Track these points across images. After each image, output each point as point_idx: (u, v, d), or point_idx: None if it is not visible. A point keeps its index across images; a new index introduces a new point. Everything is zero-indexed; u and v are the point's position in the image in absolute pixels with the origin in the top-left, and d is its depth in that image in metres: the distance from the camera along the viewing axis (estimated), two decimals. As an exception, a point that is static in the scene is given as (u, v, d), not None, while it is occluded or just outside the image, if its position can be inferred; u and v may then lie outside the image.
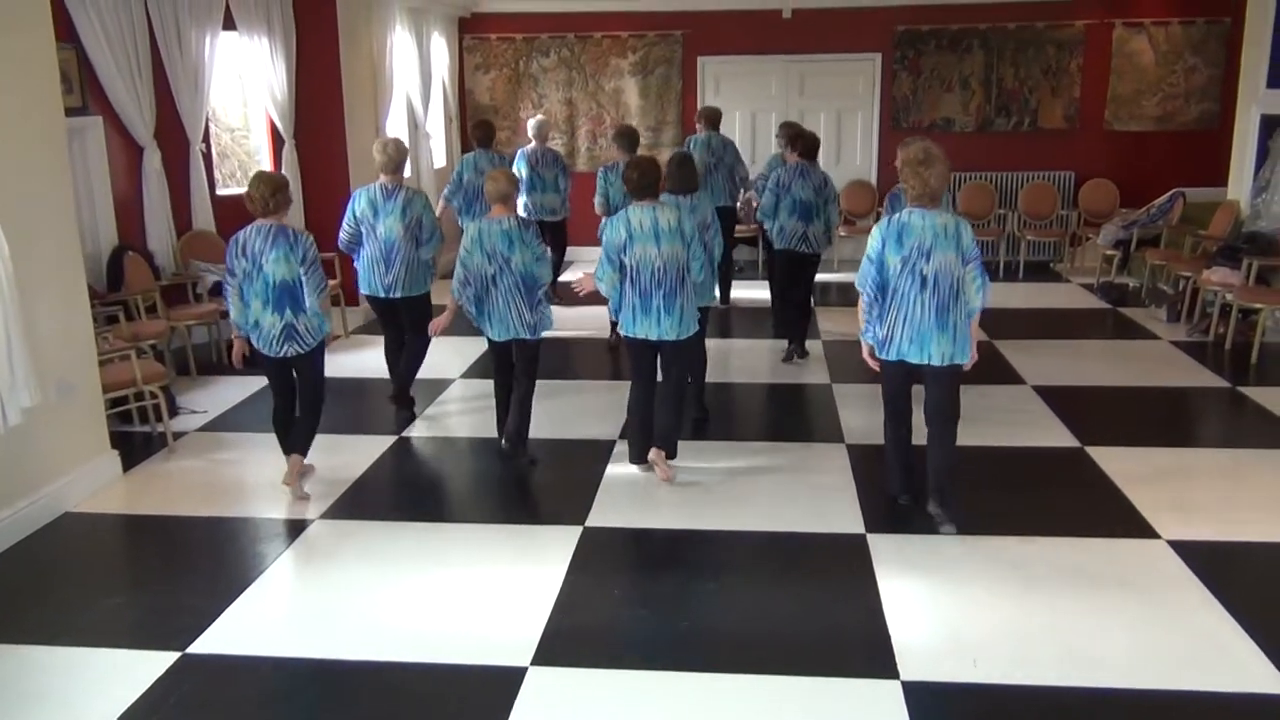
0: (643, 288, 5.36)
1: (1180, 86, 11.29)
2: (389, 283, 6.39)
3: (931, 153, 4.72)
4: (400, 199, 6.34)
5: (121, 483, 5.75)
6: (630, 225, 5.33)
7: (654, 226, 5.30)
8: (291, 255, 5.19)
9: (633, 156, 5.55)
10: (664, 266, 5.32)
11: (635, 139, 8.25)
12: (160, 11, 7.79)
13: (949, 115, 11.56)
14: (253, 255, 5.20)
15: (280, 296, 5.22)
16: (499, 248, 5.59)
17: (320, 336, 5.38)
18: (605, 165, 8.14)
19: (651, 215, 5.32)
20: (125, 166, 7.74)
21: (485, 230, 5.61)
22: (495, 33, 11.86)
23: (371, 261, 6.41)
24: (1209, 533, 4.90)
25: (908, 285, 4.75)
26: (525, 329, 5.71)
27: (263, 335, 5.31)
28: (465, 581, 4.58)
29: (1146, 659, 3.89)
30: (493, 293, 5.65)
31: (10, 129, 4.98)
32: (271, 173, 5.40)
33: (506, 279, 5.62)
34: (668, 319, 5.38)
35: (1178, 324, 8.67)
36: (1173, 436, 6.32)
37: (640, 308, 5.39)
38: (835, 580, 4.55)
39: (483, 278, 5.63)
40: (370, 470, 5.87)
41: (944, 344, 4.78)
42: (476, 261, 5.61)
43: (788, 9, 11.45)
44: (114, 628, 4.26)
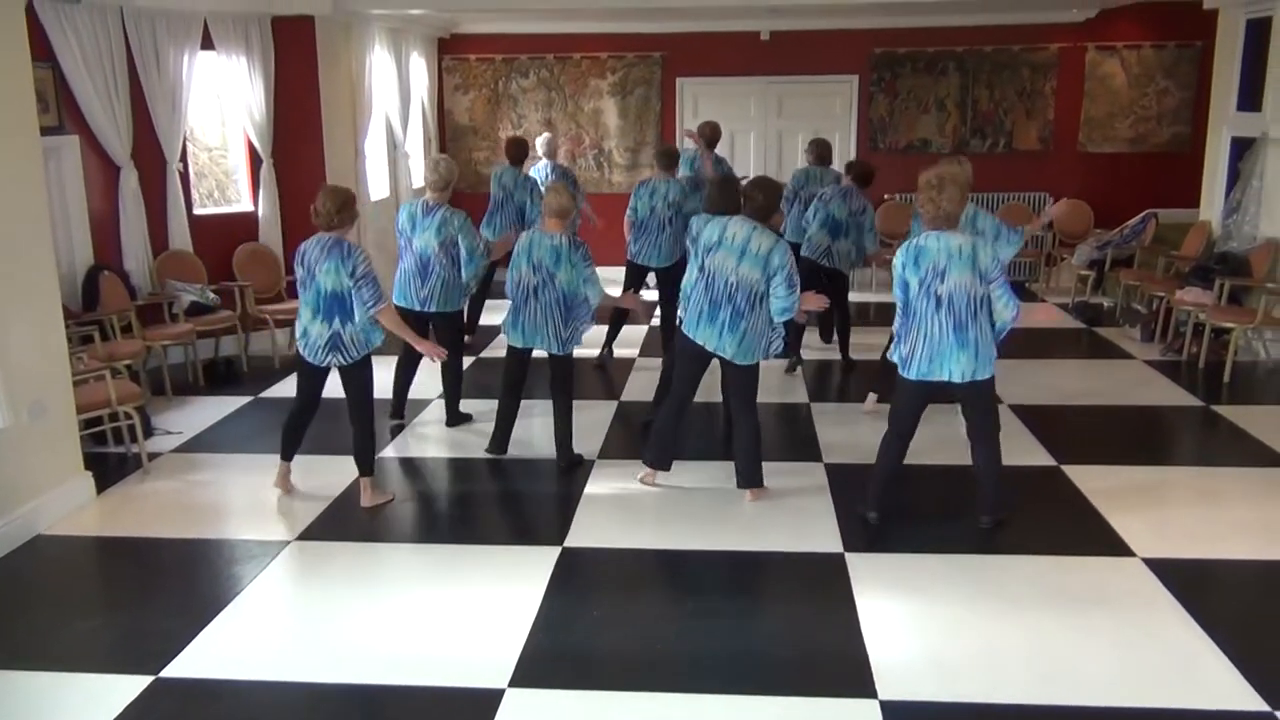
0: (715, 296, 5.34)
1: (1153, 109, 11.44)
2: (424, 296, 6.50)
3: (945, 177, 4.90)
4: (437, 217, 6.43)
5: (95, 504, 5.69)
6: (725, 233, 5.33)
7: (745, 243, 5.26)
8: (342, 268, 5.27)
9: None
10: (737, 284, 5.28)
11: (675, 158, 8.32)
12: (138, 31, 7.78)
13: (925, 136, 11.66)
14: (309, 265, 5.35)
15: (330, 306, 5.33)
16: (545, 262, 5.78)
17: (366, 350, 5.46)
18: (641, 181, 8.16)
19: (748, 232, 5.29)
20: (102, 186, 7.71)
21: (536, 242, 5.83)
22: (474, 53, 11.89)
23: (408, 275, 6.52)
24: (1184, 551, 4.94)
25: (925, 305, 4.92)
26: (557, 343, 5.91)
27: (309, 343, 5.42)
28: (443, 603, 4.56)
29: (1123, 677, 3.91)
30: (532, 303, 5.86)
31: (-15, 148, 4.95)
32: (339, 188, 5.47)
33: (549, 294, 5.83)
34: (730, 336, 5.34)
35: (1152, 343, 8.75)
36: (1148, 455, 6.37)
37: (707, 315, 5.37)
38: (814, 600, 4.55)
39: (525, 287, 5.84)
40: (348, 491, 5.83)
41: (964, 361, 4.91)
42: (522, 270, 5.83)
43: (766, 31, 11.55)
44: (86, 652, 4.21)
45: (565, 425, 6.06)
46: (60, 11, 7.08)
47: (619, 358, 8.44)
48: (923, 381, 5.00)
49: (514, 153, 8.85)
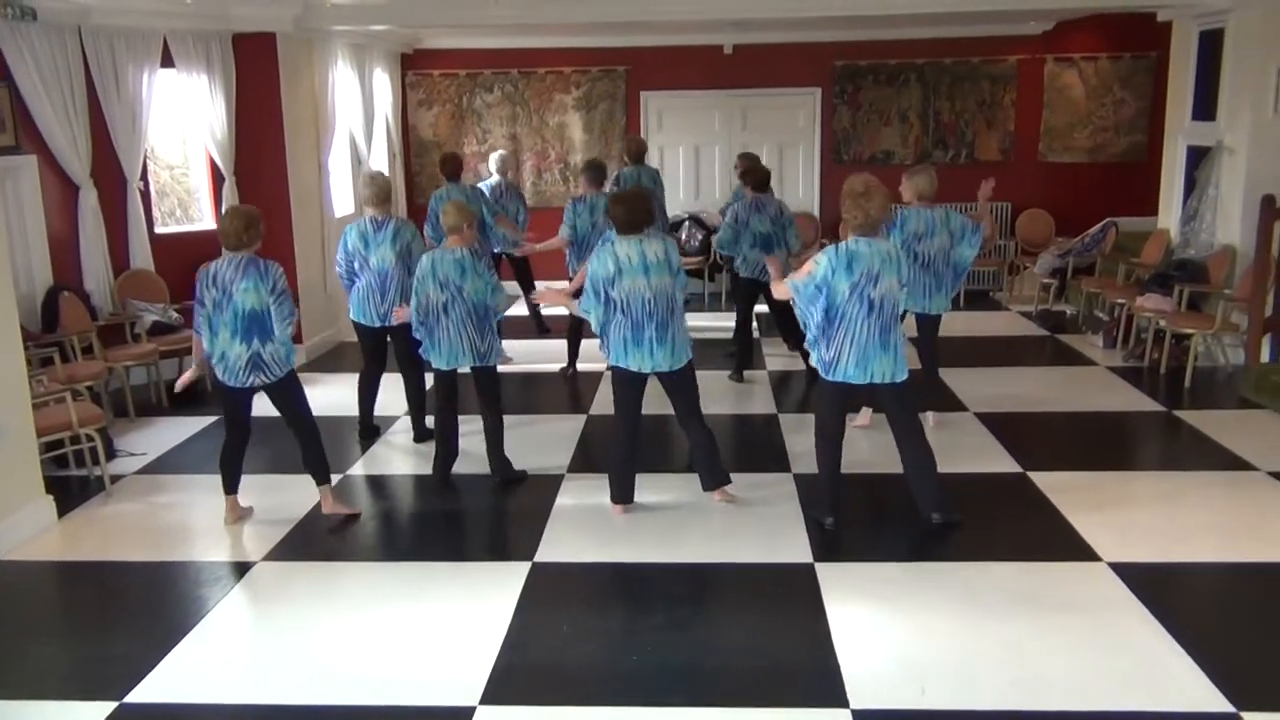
0: (635, 319, 5.30)
1: (1110, 119, 11.61)
2: (384, 311, 6.54)
3: (871, 185, 5.00)
4: (390, 229, 6.54)
5: (57, 529, 5.60)
6: (619, 258, 5.29)
7: (642, 259, 5.28)
8: (261, 285, 5.23)
9: (619, 191, 5.65)
10: (654, 298, 5.29)
11: (604, 171, 8.31)
12: (96, 49, 7.70)
13: (888, 148, 11.76)
14: (223, 284, 5.24)
15: (249, 326, 5.25)
16: (452, 276, 5.74)
17: (288, 367, 5.42)
18: (574, 198, 8.14)
19: (639, 247, 5.30)
20: (60, 205, 7.61)
21: (438, 260, 5.79)
22: (438, 69, 11.87)
23: (368, 291, 6.56)
24: (1149, 555, 4.99)
25: (856, 310, 4.98)
26: (476, 356, 5.87)
27: (229, 366, 5.32)
28: (413, 620, 4.52)
29: (1090, 680, 3.94)
30: (444, 321, 5.82)
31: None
32: (245, 207, 5.43)
33: (459, 308, 5.78)
34: (660, 350, 5.34)
35: (1114, 350, 8.86)
36: (1112, 460, 6.43)
37: (632, 340, 5.33)
38: (784, 610, 4.55)
39: (434, 308, 5.79)
40: (314, 510, 5.77)
41: (885, 363, 5.07)
42: (430, 291, 5.77)
43: (729, 45, 11.61)
44: (48, 678, 4.14)
45: (498, 439, 6.05)
46: (16, 30, 7.00)
47: (584, 371, 8.41)
48: (847, 384, 5.12)
49: (450, 169, 8.68)
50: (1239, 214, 8.35)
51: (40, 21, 7.10)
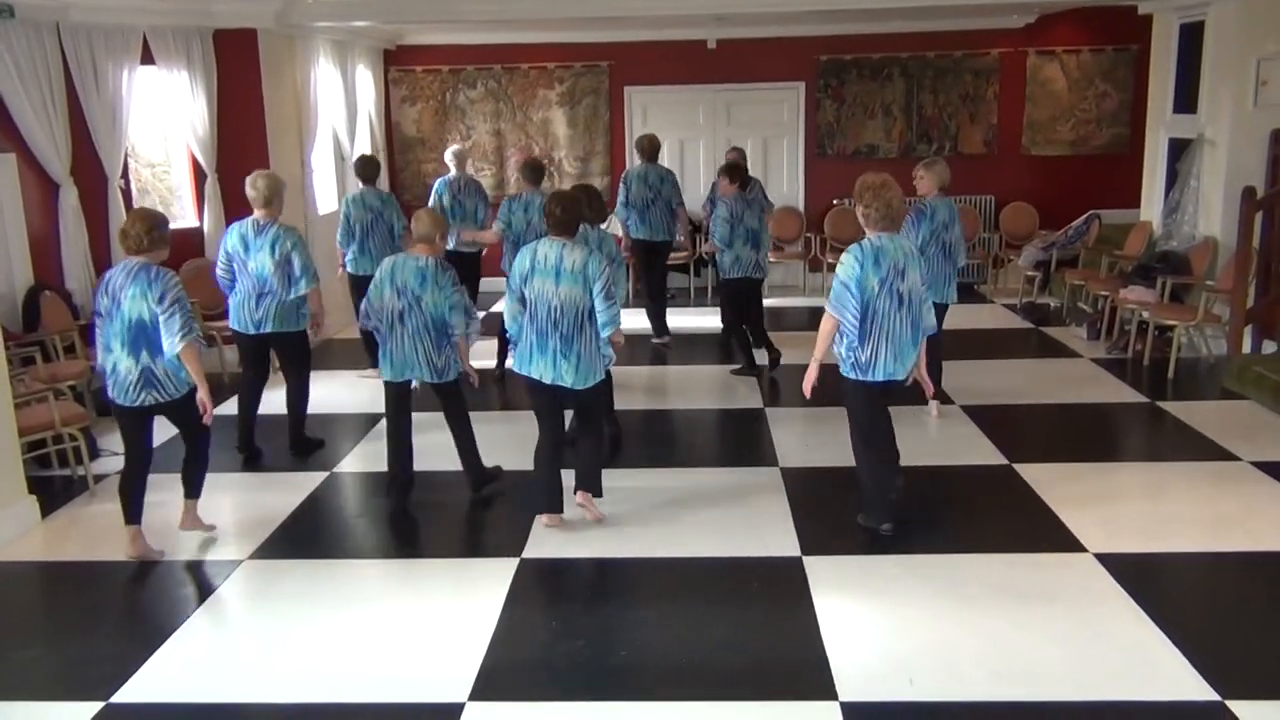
0: (540, 326, 5.08)
1: (1092, 112, 11.65)
2: (259, 318, 6.26)
3: (886, 178, 5.00)
4: (269, 235, 6.19)
5: (40, 528, 5.57)
6: (536, 256, 5.09)
7: (558, 264, 5.02)
8: (149, 293, 4.79)
9: (559, 190, 5.47)
10: (561, 307, 5.02)
11: (542, 171, 8.24)
12: (75, 46, 7.64)
13: (872, 142, 11.78)
14: (113, 292, 4.87)
15: (136, 338, 4.84)
16: (411, 284, 5.39)
17: (188, 386, 4.99)
18: (510, 196, 8.08)
19: (558, 251, 5.05)
20: (40, 204, 7.55)
21: (400, 265, 5.44)
22: (421, 65, 11.83)
23: (244, 297, 6.28)
24: (1134, 545, 5.02)
25: (887, 305, 4.91)
26: (431, 372, 5.49)
27: (118, 382, 4.93)
28: (400, 617, 4.51)
29: (1077, 671, 3.96)
30: (398, 330, 5.43)
31: (-83, 167, 4.83)
32: (150, 210, 5.13)
33: (415, 318, 5.41)
34: (564, 363, 5.08)
35: (1098, 342, 8.90)
36: (1096, 452, 6.47)
37: (536, 346, 5.12)
38: (772, 604, 4.56)
39: (390, 314, 5.44)
40: (301, 507, 5.76)
41: (914, 358, 5.07)
42: (385, 296, 5.42)
43: (713, 40, 11.61)
44: (33, 679, 4.11)
45: (469, 448, 5.75)
46: (-6, 27, 6.93)
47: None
48: (886, 382, 5.03)
49: (365, 172, 8.22)
50: (1220, 206, 8.40)
51: (18, 19, 7.04)
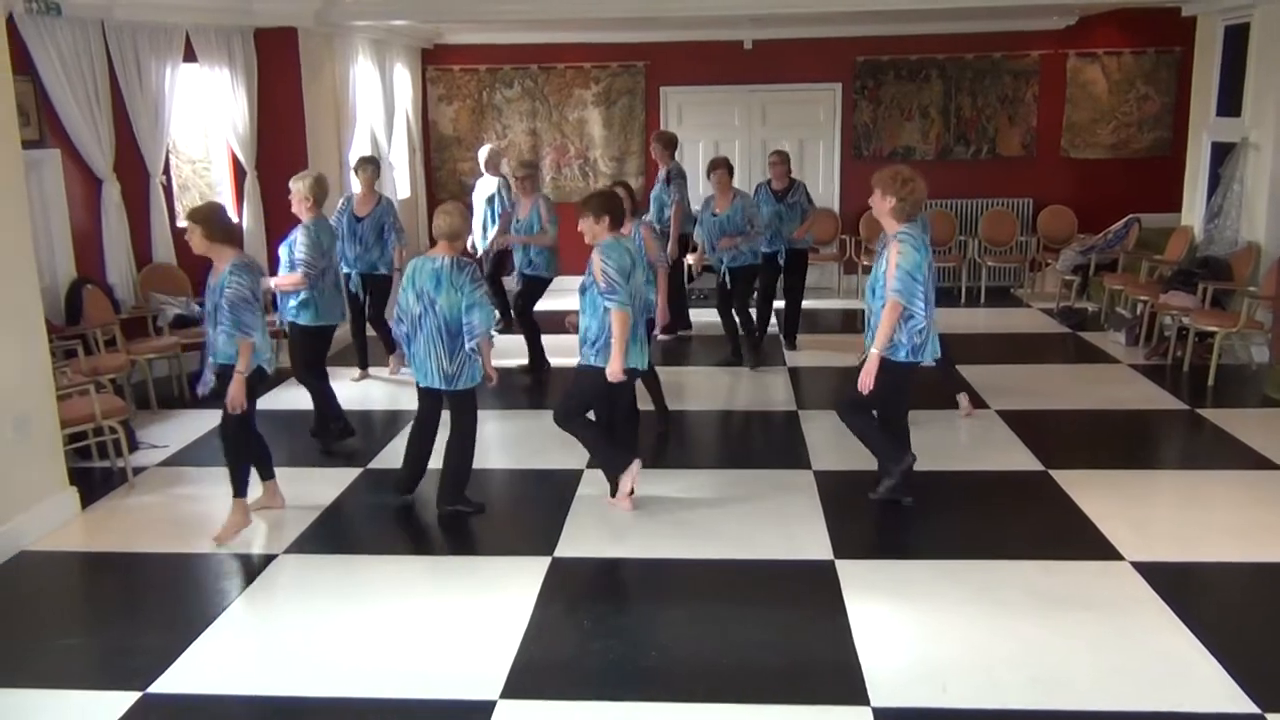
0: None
1: (1133, 115, 11.52)
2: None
3: (913, 171, 5.17)
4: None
5: (80, 519, 5.65)
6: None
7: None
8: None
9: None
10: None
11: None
12: (119, 43, 7.75)
13: (909, 144, 11.71)
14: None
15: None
16: (426, 287, 5.26)
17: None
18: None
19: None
20: (84, 199, 7.66)
21: (419, 267, 5.35)
22: (458, 64, 11.89)
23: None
24: (1171, 554, 4.96)
25: (928, 291, 5.14)
26: (441, 379, 5.35)
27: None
28: (433, 614, 4.53)
29: (1112, 680, 3.91)
30: (418, 335, 5.35)
31: (-34, 162, 4.92)
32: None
33: (429, 322, 5.28)
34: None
35: (1136, 347, 8.80)
36: (1134, 459, 6.40)
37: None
38: (804, 607, 4.54)
39: (411, 319, 5.36)
40: (336, 502, 5.81)
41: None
42: (410, 300, 5.34)
43: (749, 40, 11.58)
44: (72, 668, 4.17)
45: (461, 464, 5.57)
46: (40, 24, 7.04)
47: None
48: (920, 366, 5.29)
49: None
50: (1264, 211, 8.29)
51: (64, 16, 7.15)
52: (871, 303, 5.27)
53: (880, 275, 5.15)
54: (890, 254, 5.07)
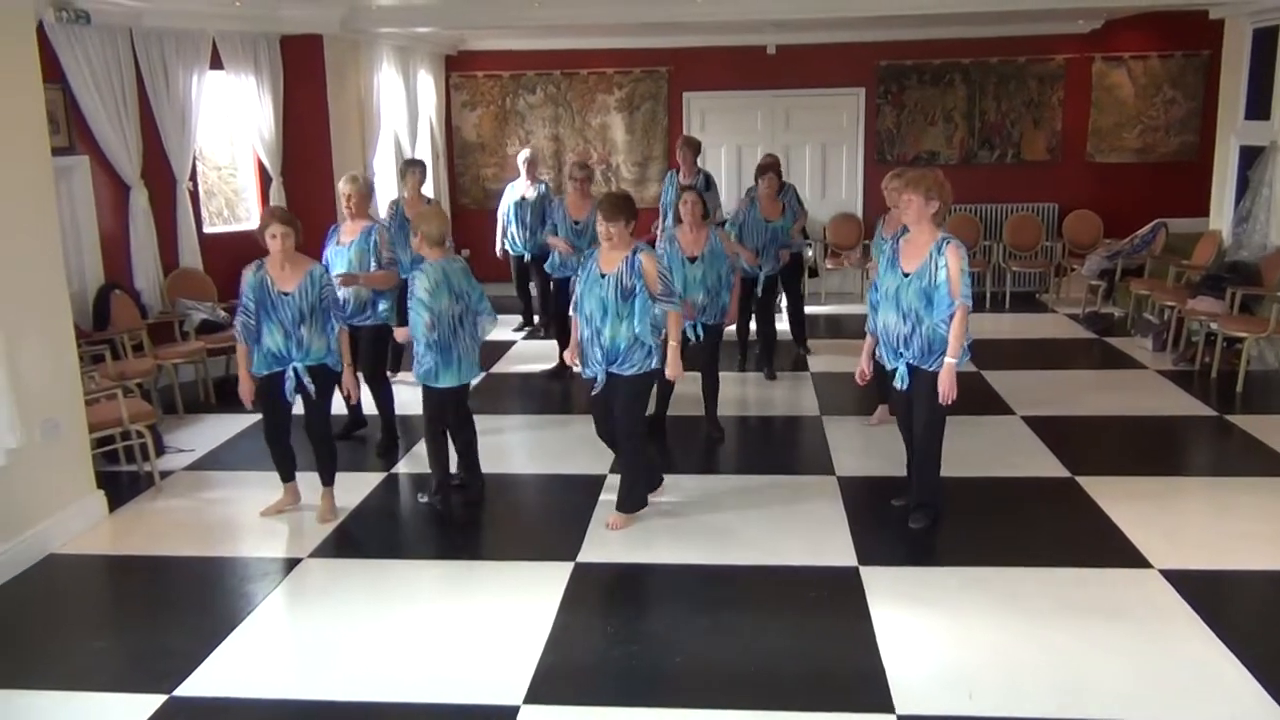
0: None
1: (1160, 119, 11.43)
2: None
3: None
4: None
5: (108, 523, 5.69)
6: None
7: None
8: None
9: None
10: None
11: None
12: (147, 51, 7.82)
13: (933, 148, 11.66)
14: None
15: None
16: (464, 286, 5.50)
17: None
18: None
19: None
20: (112, 205, 7.74)
21: (449, 270, 5.45)
22: (482, 70, 11.93)
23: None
24: (1200, 561, 4.90)
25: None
26: (477, 370, 5.68)
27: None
28: (456, 619, 4.54)
29: (1141, 689, 3.87)
30: (460, 334, 5.47)
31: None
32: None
33: (469, 319, 5.53)
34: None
35: (1164, 353, 8.72)
36: (1162, 465, 6.33)
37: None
38: (829, 614, 4.52)
39: (451, 321, 5.44)
40: (359, 507, 5.83)
41: None
42: (444, 303, 5.40)
43: (772, 45, 11.57)
44: (100, 671, 4.20)
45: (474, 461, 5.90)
46: (70, 32, 7.12)
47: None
48: None
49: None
50: (1293, 215, 8.19)
51: (93, 24, 7.22)
52: (923, 311, 4.98)
53: (939, 282, 4.93)
54: (950, 259, 4.93)
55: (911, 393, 5.16)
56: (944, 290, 4.93)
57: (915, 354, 5.07)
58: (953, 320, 4.92)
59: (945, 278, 4.93)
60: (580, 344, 5.34)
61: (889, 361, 5.21)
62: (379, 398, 6.68)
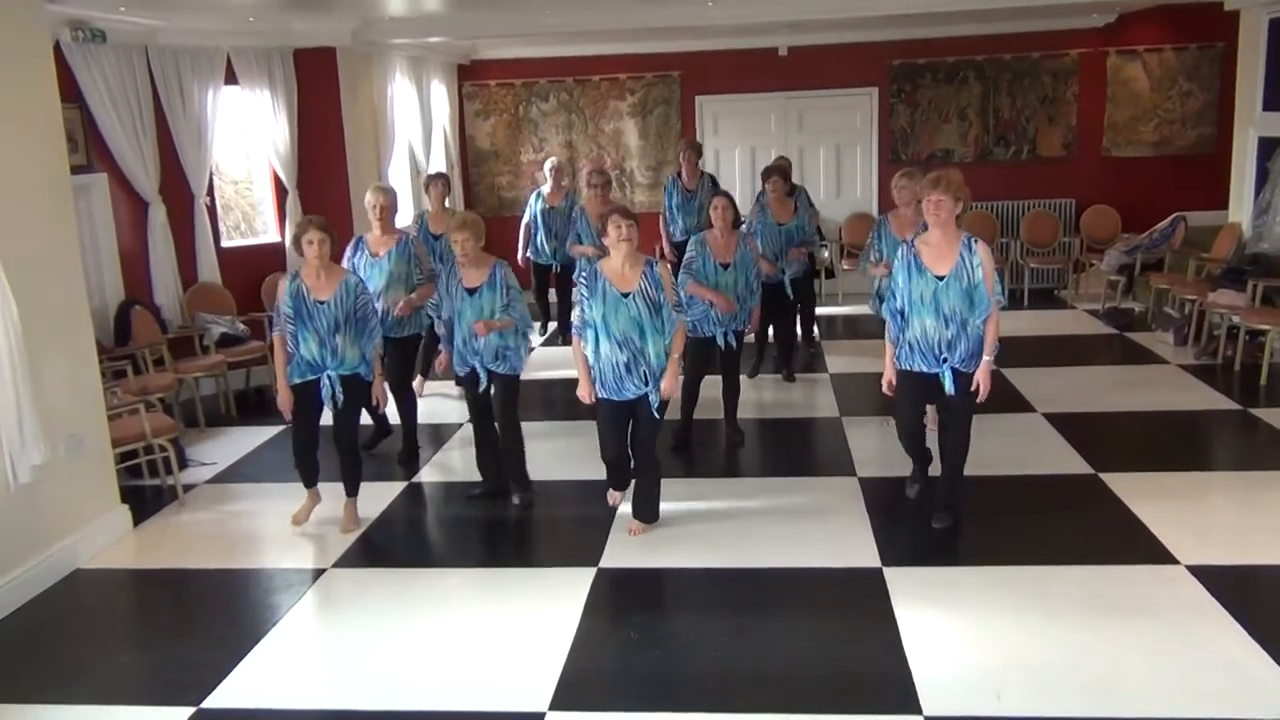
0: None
1: (1176, 111, 11.36)
2: None
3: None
4: None
5: (132, 537, 5.73)
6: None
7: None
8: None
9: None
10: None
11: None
12: (162, 68, 7.88)
13: (948, 146, 11.62)
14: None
15: None
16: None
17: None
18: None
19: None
20: (130, 221, 7.80)
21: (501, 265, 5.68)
22: (494, 79, 11.97)
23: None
24: (1228, 557, 4.86)
25: None
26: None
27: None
28: (480, 626, 4.55)
29: (1170, 687, 3.84)
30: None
31: (17, 188, 5.02)
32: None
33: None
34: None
35: (1185, 347, 8.65)
36: (1186, 460, 6.28)
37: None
38: (853, 616, 4.50)
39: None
40: (382, 517, 5.84)
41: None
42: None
43: (784, 47, 11.56)
44: (127, 684, 4.23)
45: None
46: (86, 52, 7.18)
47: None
48: None
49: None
50: (1315, 205, 8.12)
51: (109, 43, 7.29)
52: (966, 313, 4.94)
53: (978, 281, 4.90)
54: (983, 257, 4.92)
55: (950, 396, 5.11)
56: (983, 289, 4.92)
57: (961, 357, 5.03)
58: (989, 319, 4.94)
59: (982, 276, 4.92)
60: (611, 369, 5.11)
61: (928, 367, 5.09)
62: (403, 405, 6.70)
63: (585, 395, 5.26)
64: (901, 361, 5.18)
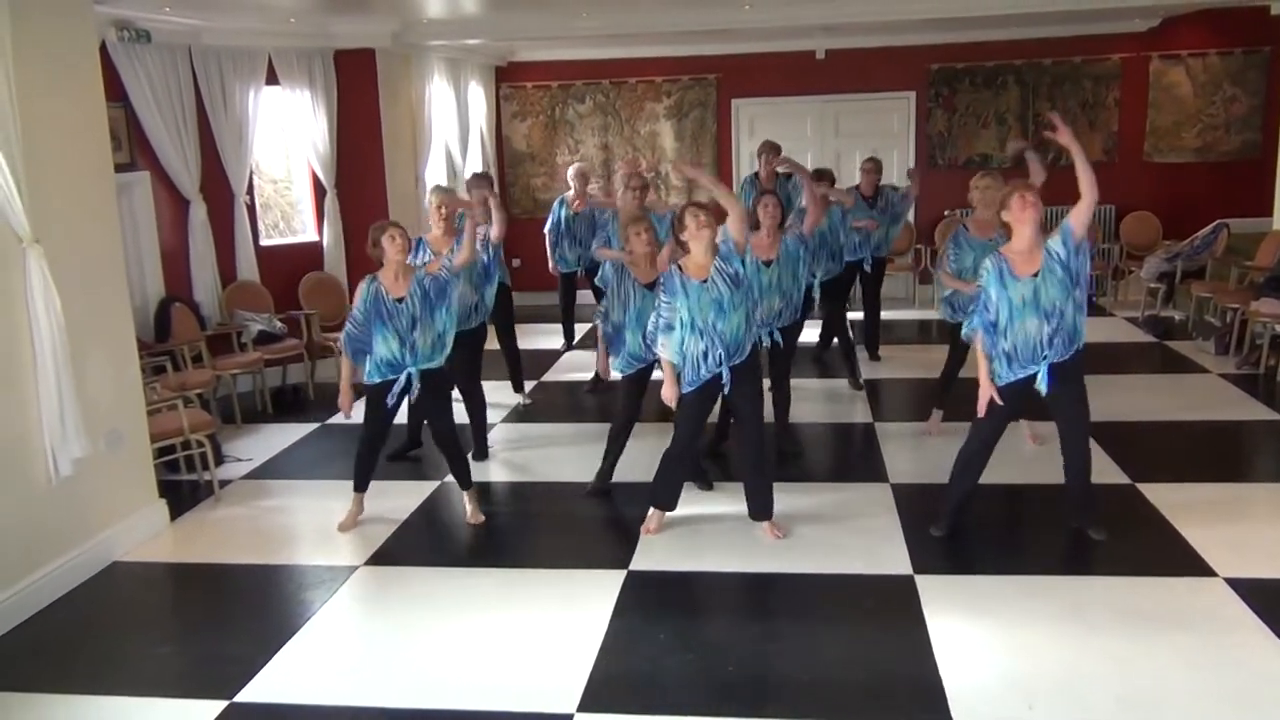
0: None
1: (1220, 117, 11.20)
2: None
3: None
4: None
5: (169, 531, 5.80)
6: None
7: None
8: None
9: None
10: None
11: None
12: (205, 68, 7.99)
13: (985, 151, 11.52)
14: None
15: None
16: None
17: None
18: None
19: None
20: (172, 220, 7.90)
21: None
22: (531, 81, 12.02)
23: None
24: (1268, 570, 4.78)
25: None
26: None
27: None
28: (510, 627, 4.56)
29: (1206, 702, 3.78)
30: None
31: (63, 186, 5.10)
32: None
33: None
34: None
35: (1227, 356, 8.52)
36: (1226, 471, 6.19)
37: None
38: (884, 623, 4.47)
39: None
40: (415, 514, 5.88)
41: None
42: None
43: (821, 50, 11.52)
44: (162, 677, 4.28)
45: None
46: (131, 52, 7.29)
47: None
48: None
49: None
50: (1362, 214, 7.98)
51: (153, 43, 7.40)
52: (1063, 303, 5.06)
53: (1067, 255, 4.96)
54: (1053, 236, 4.95)
55: (1052, 394, 5.05)
56: (1068, 237, 4.95)
57: (1059, 349, 5.02)
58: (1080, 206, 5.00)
59: (1061, 241, 4.94)
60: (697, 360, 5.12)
61: (1028, 369, 5.02)
62: (472, 401, 6.71)
63: (670, 398, 5.28)
64: (1001, 379, 5.04)
